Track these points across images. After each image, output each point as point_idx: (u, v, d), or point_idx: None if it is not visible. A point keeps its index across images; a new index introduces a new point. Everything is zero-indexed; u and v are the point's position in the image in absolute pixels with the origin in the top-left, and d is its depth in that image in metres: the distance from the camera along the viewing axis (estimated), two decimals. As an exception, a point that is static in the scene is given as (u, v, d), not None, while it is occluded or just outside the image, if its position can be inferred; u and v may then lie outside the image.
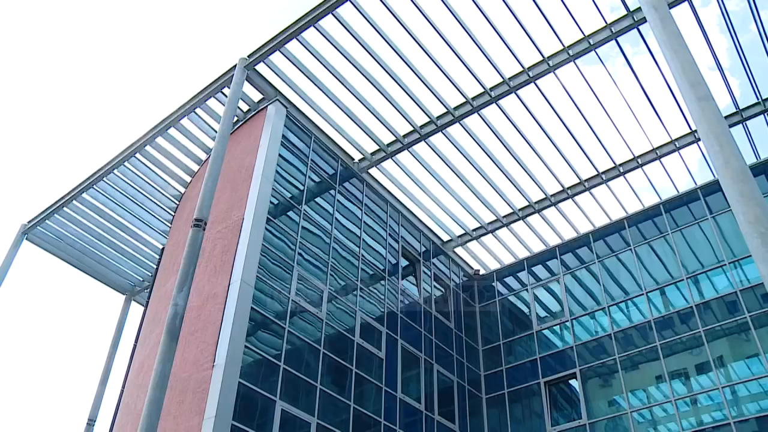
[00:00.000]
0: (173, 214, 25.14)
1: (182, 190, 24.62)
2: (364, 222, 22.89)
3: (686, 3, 19.25)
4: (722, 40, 21.78)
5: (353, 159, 23.58)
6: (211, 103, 21.75)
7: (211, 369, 15.16)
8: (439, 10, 19.16)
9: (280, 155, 20.03)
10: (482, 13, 19.24)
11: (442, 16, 19.33)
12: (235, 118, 21.83)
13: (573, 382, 23.28)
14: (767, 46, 20.16)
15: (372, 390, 19.76)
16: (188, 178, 24.24)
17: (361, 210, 23.02)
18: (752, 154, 23.71)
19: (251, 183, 18.94)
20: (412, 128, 22.49)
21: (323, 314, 18.94)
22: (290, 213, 19.76)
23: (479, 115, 22.05)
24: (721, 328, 21.27)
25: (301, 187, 20.66)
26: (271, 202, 18.87)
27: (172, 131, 22.69)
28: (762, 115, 22.59)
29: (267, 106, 21.02)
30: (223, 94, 21.08)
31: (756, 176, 21.44)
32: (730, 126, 22.30)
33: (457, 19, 19.33)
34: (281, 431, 15.84)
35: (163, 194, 24.93)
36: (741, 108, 22.57)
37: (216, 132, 20.39)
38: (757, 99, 22.27)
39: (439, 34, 19.61)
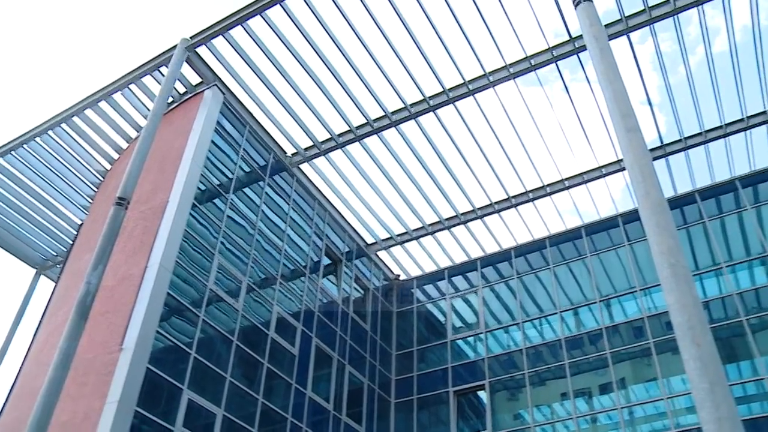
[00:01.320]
0: (96, 190, 24.48)
1: (108, 166, 24.01)
2: (291, 217, 22.81)
3: (625, 37, 19.99)
4: (654, 77, 22.73)
5: (286, 153, 23.48)
6: (147, 81, 21.28)
7: (119, 352, 14.83)
8: (388, 13, 19.28)
9: (212, 141, 19.77)
10: (429, 20, 19.46)
11: (389, 20, 19.47)
12: (170, 99, 21.43)
13: (481, 393, 23.79)
14: (693, 87, 21.10)
15: (282, 386, 19.70)
16: (115, 155, 23.66)
17: (289, 204, 22.94)
18: (671, 188, 24.76)
19: (180, 166, 18.63)
20: (348, 128, 22.55)
21: (240, 305, 18.79)
22: (216, 200, 19.53)
23: (416, 122, 22.30)
24: (626, 352, 22.12)
25: (230, 176, 20.44)
26: (198, 188, 18.61)
27: (103, 104, 22.10)
28: (683, 152, 23.58)
29: (204, 90, 20.72)
30: (161, 72, 20.68)
31: (672, 210, 22.39)
32: (654, 159, 23.17)
33: (403, 23, 19.48)
34: (186, 420, 15.62)
35: (87, 168, 24.23)
36: (665, 143, 23.51)
37: (149, 110, 19.97)
38: (680, 137, 23.24)
39: (385, 37, 19.73)
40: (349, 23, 19.36)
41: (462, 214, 26.06)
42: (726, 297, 21.75)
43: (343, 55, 20.06)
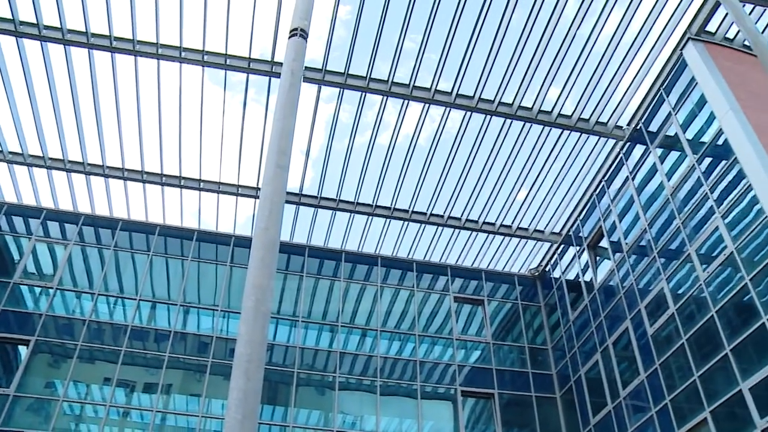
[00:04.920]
0: None
1: None
2: None
3: (316, 87, 21.66)
4: (322, 135, 24.81)
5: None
6: None
7: None
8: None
9: None
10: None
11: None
12: None
13: (22, 348, 22.67)
14: (348, 160, 23.63)
15: None
16: None
17: None
18: (288, 235, 26.98)
19: None
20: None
21: None
22: None
23: (66, 48, 20.91)
24: (183, 361, 23.20)
25: None
26: None
27: None
28: (313, 209, 26.02)
29: None
30: None
31: (280, 253, 24.44)
32: (286, 202, 25.08)
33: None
34: None
35: None
36: (302, 194, 25.64)
37: None
38: (317, 195, 25.60)
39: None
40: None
41: (89, 164, 24.97)
42: (290, 347, 24.31)
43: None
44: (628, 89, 21.94)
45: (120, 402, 21.96)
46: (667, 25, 20.21)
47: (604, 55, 20.75)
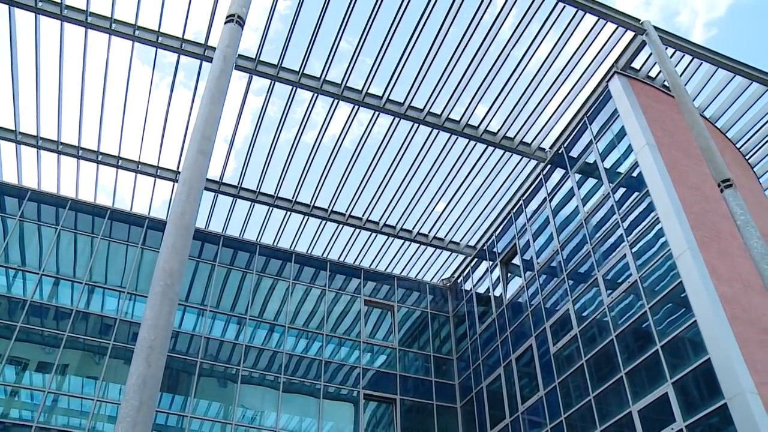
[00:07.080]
0: None
1: None
2: None
3: (248, 76, 21.54)
4: (248, 127, 24.60)
5: None
6: None
7: None
8: None
9: None
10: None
11: None
12: None
13: None
14: (272, 153, 23.66)
15: None
16: None
17: None
18: (203, 222, 26.81)
19: None
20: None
21: None
22: None
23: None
24: (82, 342, 22.62)
25: None
26: None
27: None
28: (234, 198, 25.82)
29: None
30: None
31: (194, 239, 24.18)
32: (205, 189, 24.87)
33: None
34: None
35: None
36: (222, 182, 25.45)
37: None
38: (237, 185, 25.47)
39: None
40: None
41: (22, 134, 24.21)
42: (195, 336, 24.10)
43: None
44: (554, 114, 22.80)
45: (9, 380, 21.20)
46: (596, 56, 21.15)
47: (534, 78, 21.52)
